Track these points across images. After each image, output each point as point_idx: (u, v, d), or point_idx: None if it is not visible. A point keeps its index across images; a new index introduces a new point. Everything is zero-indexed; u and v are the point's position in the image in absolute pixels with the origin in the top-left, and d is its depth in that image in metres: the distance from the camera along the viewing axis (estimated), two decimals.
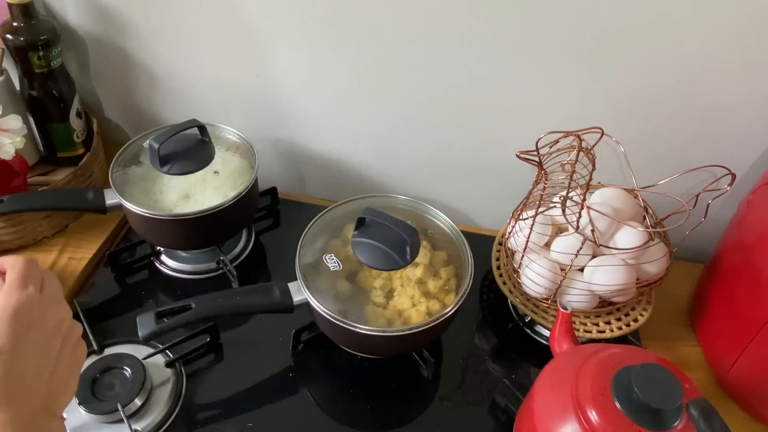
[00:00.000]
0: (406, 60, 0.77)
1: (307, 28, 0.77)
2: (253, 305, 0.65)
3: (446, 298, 0.67)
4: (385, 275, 0.68)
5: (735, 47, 0.66)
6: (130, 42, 0.86)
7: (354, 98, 0.83)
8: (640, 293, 0.72)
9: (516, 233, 0.73)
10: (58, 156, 0.88)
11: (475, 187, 0.90)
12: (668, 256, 0.71)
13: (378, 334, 0.63)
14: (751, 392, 0.68)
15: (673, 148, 0.77)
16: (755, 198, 0.68)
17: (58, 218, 0.83)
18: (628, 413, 0.48)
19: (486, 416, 0.68)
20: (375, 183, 0.94)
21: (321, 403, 0.69)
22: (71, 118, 0.85)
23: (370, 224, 0.66)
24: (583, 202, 0.64)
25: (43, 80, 0.80)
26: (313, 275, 0.67)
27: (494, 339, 0.77)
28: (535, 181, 0.69)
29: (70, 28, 0.86)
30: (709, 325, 0.75)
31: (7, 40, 0.77)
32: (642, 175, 0.75)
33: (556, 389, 0.54)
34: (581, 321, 0.72)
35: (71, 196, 0.77)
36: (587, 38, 0.69)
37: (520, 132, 0.79)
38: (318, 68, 0.81)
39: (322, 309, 0.63)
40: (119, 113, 0.98)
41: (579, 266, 0.70)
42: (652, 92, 0.72)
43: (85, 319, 0.73)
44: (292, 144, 0.93)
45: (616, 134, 0.72)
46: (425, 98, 0.80)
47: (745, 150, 0.75)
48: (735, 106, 0.71)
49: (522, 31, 0.70)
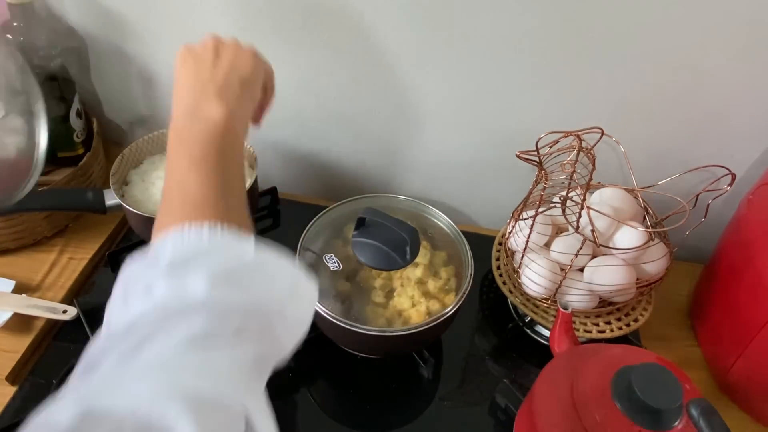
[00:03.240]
0: (406, 60, 0.77)
1: (306, 27, 0.77)
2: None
3: (446, 298, 0.67)
4: (385, 275, 0.68)
5: (735, 47, 0.66)
6: (130, 42, 0.86)
7: (354, 98, 0.83)
8: (640, 293, 0.72)
9: (516, 233, 0.73)
10: (58, 156, 0.87)
11: (475, 187, 0.90)
12: (668, 256, 0.71)
13: (378, 334, 0.63)
14: (751, 392, 0.69)
15: (673, 148, 0.77)
16: (755, 198, 0.68)
17: (58, 218, 0.83)
18: (628, 413, 0.48)
19: (486, 416, 0.68)
20: (375, 183, 0.94)
21: (321, 403, 0.69)
22: (71, 118, 0.85)
23: (370, 224, 0.66)
24: (583, 202, 0.64)
25: (43, 80, 0.80)
26: (313, 275, 0.67)
27: (494, 339, 0.77)
28: (535, 181, 0.70)
29: (70, 28, 0.86)
30: (708, 325, 0.75)
31: (7, 40, 0.77)
32: (642, 175, 0.75)
33: (556, 389, 0.54)
34: (581, 321, 0.72)
35: (71, 197, 0.77)
36: (587, 38, 0.69)
37: (520, 132, 0.79)
38: (318, 68, 0.81)
39: (322, 309, 0.63)
40: (119, 113, 0.98)
41: (579, 266, 0.70)
42: (652, 92, 0.72)
43: (85, 319, 0.73)
44: (292, 144, 0.93)
45: (616, 134, 0.72)
46: (425, 98, 0.80)
47: (745, 150, 0.75)
48: (735, 106, 0.71)
49: (521, 31, 0.70)
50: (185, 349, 0.32)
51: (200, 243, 0.37)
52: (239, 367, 0.34)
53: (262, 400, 0.36)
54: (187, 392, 0.30)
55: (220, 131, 0.44)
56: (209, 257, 0.37)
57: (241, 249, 0.38)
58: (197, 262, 0.36)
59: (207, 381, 0.31)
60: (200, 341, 0.33)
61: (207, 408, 0.30)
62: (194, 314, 0.34)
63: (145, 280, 0.35)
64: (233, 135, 0.45)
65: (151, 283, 0.35)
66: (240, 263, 0.38)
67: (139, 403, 0.29)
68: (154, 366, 0.31)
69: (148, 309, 0.34)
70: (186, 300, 0.34)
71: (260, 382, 0.37)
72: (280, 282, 0.40)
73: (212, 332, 0.33)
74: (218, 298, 0.35)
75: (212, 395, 0.31)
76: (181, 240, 0.37)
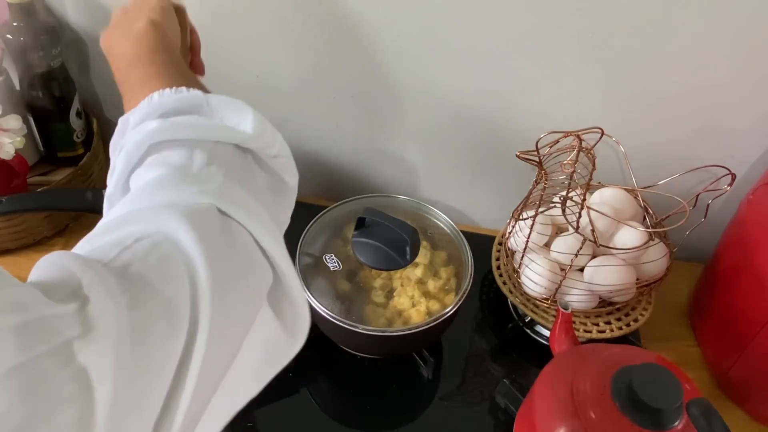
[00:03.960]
0: (406, 60, 0.77)
1: (306, 27, 0.77)
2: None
3: (446, 298, 0.67)
4: (385, 275, 0.68)
5: (735, 47, 0.66)
6: None
7: (354, 98, 0.83)
8: (640, 293, 0.72)
9: (516, 233, 0.73)
10: (58, 156, 0.88)
11: (475, 187, 0.90)
12: (668, 256, 0.71)
13: (378, 334, 0.63)
14: (751, 392, 0.69)
15: (673, 148, 0.77)
16: (755, 198, 0.68)
17: (58, 218, 0.83)
18: (628, 413, 0.48)
19: (486, 416, 0.68)
20: (375, 183, 0.94)
21: (321, 403, 0.69)
22: (71, 118, 0.85)
23: (370, 224, 0.66)
24: (583, 202, 0.64)
25: (43, 80, 0.80)
26: (313, 275, 0.67)
27: (494, 339, 0.77)
28: (535, 181, 0.69)
29: (70, 28, 0.86)
30: (708, 325, 0.75)
31: (7, 40, 0.77)
32: (642, 175, 0.75)
33: (556, 389, 0.54)
34: (581, 321, 0.72)
35: (70, 197, 0.77)
36: (587, 38, 0.69)
37: (520, 132, 0.79)
38: (318, 68, 0.81)
39: (322, 309, 0.63)
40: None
41: (579, 266, 0.70)
42: (652, 92, 0.72)
43: None
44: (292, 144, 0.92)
45: (616, 134, 0.72)
46: (426, 98, 0.80)
47: (745, 150, 0.75)
48: (735, 106, 0.71)
49: (522, 31, 0.70)
50: (163, 173, 0.37)
51: (151, 102, 0.41)
52: (216, 181, 0.37)
53: (260, 216, 0.38)
54: (179, 208, 0.33)
55: (146, 31, 0.47)
56: (161, 107, 0.41)
57: (191, 96, 0.42)
58: (149, 114, 0.40)
59: (187, 194, 0.35)
60: (170, 167, 0.37)
61: (199, 217, 0.33)
62: (161, 150, 0.38)
63: (120, 145, 0.41)
64: (161, 33, 0.48)
65: (123, 143, 0.40)
66: (185, 100, 0.41)
67: (145, 224, 0.32)
68: (137, 194, 0.36)
69: (123, 158, 0.39)
70: (147, 138, 0.38)
71: (259, 202, 0.40)
72: (237, 117, 0.42)
73: (181, 159, 0.38)
74: (173, 132, 0.39)
75: (200, 207, 0.34)
76: (138, 109, 0.41)
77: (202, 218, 0.33)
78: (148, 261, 0.30)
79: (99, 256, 0.29)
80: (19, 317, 0.23)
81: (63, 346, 0.24)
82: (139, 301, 0.28)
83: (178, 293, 0.29)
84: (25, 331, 0.23)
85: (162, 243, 0.31)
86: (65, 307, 0.25)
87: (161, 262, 0.30)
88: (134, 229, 0.32)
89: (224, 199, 0.35)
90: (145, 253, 0.30)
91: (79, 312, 0.25)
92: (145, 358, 0.27)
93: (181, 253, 0.31)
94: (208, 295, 0.30)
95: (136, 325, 0.27)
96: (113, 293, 0.27)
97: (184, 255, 0.31)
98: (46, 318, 0.24)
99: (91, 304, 0.26)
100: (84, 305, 0.26)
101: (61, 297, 0.26)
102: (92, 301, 0.26)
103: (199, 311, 0.30)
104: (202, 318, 0.29)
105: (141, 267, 0.29)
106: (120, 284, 0.27)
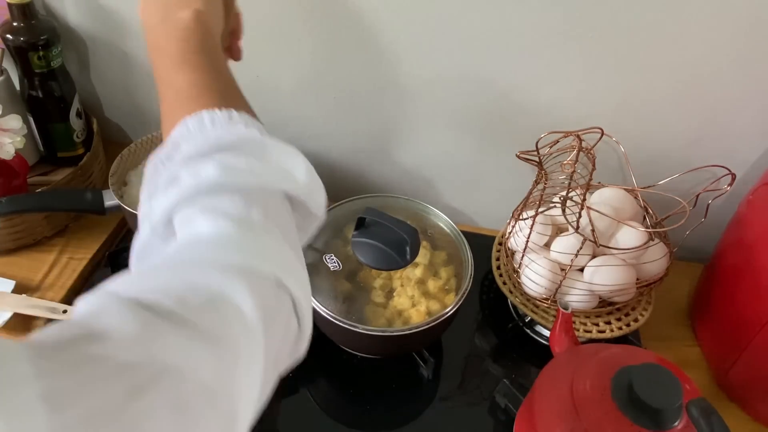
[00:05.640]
0: (406, 60, 0.77)
1: (306, 27, 0.77)
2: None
3: (446, 298, 0.67)
4: (385, 275, 0.68)
5: (735, 47, 0.66)
6: (130, 42, 0.86)
7: (354, 98, 0.83)
8: (640, 293, 0.72)
9: (516, 233, 0.73)
10: (58, 156, 0.88)
11: (475, 187, 0.90)
12: (668, 256, 0.71)
13: (378, 334, 0.63)
14: (751, 392, 0.69)
15: (673, 148, 0.77)
16: (755, 198, 0.68)
17: (58, 218, 0.83)
18: (628, 413, 0.48)
19: (486, 416, 0.68)
20: (375, 183, 0.94)
21: (321, 403, 0.69)
22: (71, 118, 0.85)
23: (370, 224, 0.66)
24: (583, 202, 0.64)
25: (43, 80, 0.80)
26: (313, 275, 0.67)
27: (494, 339, 0.77)
28: (535, 181, 0.70)
29: (70, 28, 0.86)
30: (708, 325, 0.75)
31: (7, 40, 0.77)
32: (642, 175, 0.75)
33: (556, 389, 0.54)
34: (581, 321, 0.72)
35: (70, 197, 0.77)
36: (587, 38, 0.69)
37: (520, 132, 0.79)
38: (318, 68, 0.81)
39: (322, 309, 0.63)
40: (119, 113, 0.98)
41: (579, 266, 0.70)
42: (653, 92, 0.72)
43: None
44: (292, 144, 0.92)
45: (616, 134, 0.72)
46: (426, 98, 0.80)
47: (745, 150, 0.75)
48: (735, 106, 0.71)
49: (522, 31, 0.70)
50: (223, 227, 0.34)
51: (203, 127, 0.39)
52: (274, 244, 0.36)
53: (303, 276, 0.38)
54: (236, 268, 0.32)
55: (192, 27, 0.45)
56: (216, 141, 0.38)
57: (243, 129, 0.40)
58: (204, 148, 0.38)
59: (251, 257, 0.33)
60: (230, 220, 0.35)
61: (257, 281, 0.32)
62: (216, 196, 0.36)
63: (166, 174, 0.37)
64: (206, 30, 0.47)
65: (173, 175, 0.37)
66: (243, 140, 0.39)
67: (195, 279, 0.31)
68: (195, 246, 0.34)
69: (174, 198, 0.36)
70: (204, 184, 0.36)
71: (298, 258, 0.39)
72: (292, 164, 0.42)
73: (240, 211, 0.36)
74: (232, 179, 0.37)
75: (259, 270, 0.33)
76: (191, 136, 0.38)
77: (263, 294, 0.33)
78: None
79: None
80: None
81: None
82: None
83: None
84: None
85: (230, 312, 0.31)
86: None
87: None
88: (191, 284, 0.31)
89: (284, 270, 0.35)
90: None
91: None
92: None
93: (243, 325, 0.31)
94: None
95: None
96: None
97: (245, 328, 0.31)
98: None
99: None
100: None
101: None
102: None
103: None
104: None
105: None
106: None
